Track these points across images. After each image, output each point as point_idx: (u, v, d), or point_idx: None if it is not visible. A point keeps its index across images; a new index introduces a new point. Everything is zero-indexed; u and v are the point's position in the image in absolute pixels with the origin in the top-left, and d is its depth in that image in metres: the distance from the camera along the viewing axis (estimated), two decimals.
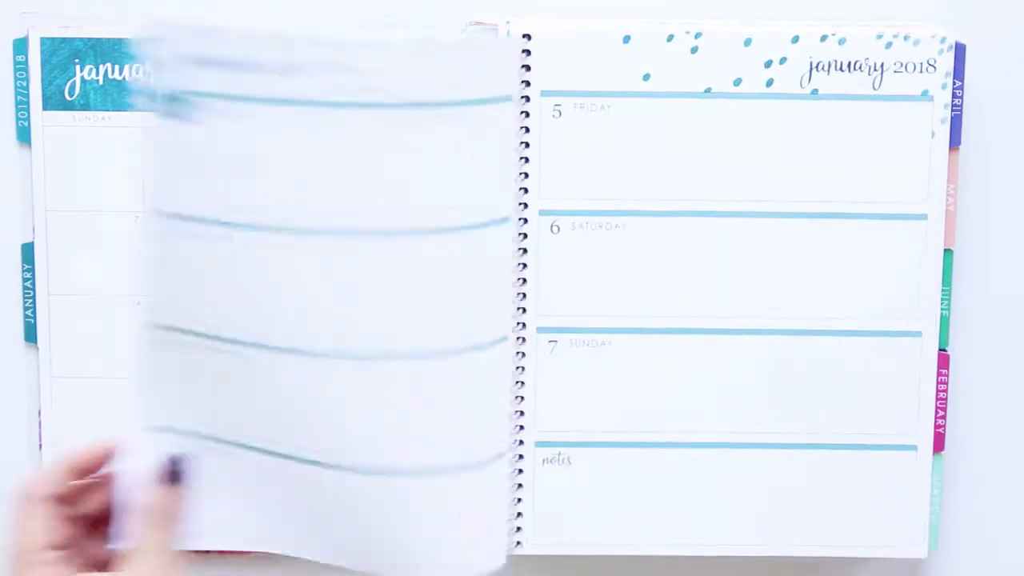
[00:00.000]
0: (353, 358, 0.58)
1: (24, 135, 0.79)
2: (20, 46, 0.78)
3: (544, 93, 0.77)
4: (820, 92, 0.77)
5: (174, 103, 0.61)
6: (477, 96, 0.57)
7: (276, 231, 0.57)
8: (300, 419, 0.58)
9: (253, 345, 0.59)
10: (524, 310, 0.78)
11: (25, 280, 0.80)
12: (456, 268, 0.59)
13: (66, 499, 0.60)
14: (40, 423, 0.80)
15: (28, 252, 0.79)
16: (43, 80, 0.78)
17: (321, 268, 0.57)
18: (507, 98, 0.59)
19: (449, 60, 0.56)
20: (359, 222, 0.57)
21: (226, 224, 0.58)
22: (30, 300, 0.80)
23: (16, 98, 0.79)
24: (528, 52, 0.77)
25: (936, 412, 0.79)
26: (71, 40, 0.78)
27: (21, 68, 0.78)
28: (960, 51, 0.78)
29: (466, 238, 0.58)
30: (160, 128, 0.59)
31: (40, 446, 0.80)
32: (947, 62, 0.77)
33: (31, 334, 0.80)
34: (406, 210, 0.57)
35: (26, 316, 0.80)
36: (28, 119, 0.78)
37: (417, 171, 0.57)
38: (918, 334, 0.79)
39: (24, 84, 0.78)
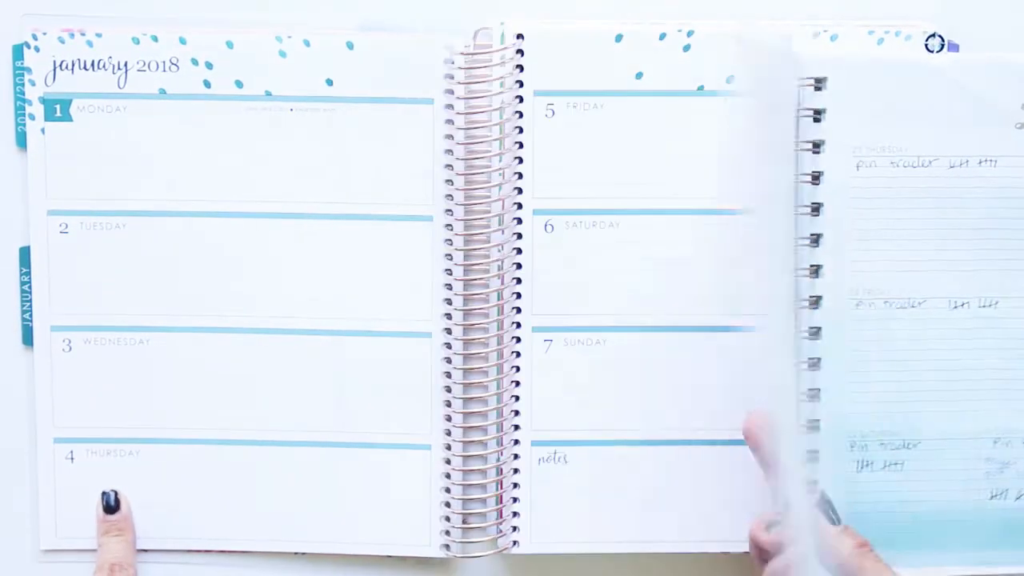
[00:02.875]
0: None
1: (22, 140, 0.79)
2: (19, 51, 0.79)
3: (537, 93, 0.77)
4: None
5: (56, 105, 0.68)
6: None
7: None
8: None
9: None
10: (519, 310, 0.78)
11: (23, 283, 0.80)
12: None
13: None
14: (37, 427, 0.80)
15: (25, 256, 0.80)
16: (41, 85, 0.79)
17: None
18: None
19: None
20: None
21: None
22: (27, 303, 0.80)
23: (15, 103, 0.79)
24: (521, 52, 0.77)
25: None
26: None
27: (20, 73, 0.79)
28: (953, 51, 0.78)
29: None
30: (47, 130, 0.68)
31: (37, 451, 0.80)
32: None
33: (28, 337, 0.80)
34: None
35: (24, 319, 0.80)
36: (25, 124, 0.79)
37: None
38: None
39: (22, 89, 0.79)
